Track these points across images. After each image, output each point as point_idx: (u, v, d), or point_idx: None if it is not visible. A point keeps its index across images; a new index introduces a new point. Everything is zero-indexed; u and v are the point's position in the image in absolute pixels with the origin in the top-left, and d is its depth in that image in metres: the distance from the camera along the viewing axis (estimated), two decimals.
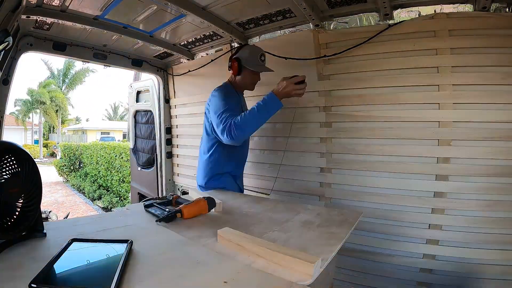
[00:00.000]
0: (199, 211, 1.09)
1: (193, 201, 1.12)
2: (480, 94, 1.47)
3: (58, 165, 10.19)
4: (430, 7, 1.55)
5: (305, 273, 0.65)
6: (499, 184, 1.45)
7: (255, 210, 1.26)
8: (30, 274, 0.55)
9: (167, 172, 3.24)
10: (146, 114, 3.56)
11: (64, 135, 24.64)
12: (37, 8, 1.75)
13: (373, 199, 1.74)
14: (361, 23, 1.75)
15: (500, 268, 1.47)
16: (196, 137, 2.81)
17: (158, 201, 1.23)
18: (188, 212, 1.04)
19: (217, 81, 2.58)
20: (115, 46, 2.53)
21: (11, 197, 0.71)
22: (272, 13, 1.89)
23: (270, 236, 0.91)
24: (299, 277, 0.65)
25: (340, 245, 0.87)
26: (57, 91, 20.13)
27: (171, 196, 1.26)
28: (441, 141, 1.56)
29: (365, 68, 1.75)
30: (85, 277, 0.59)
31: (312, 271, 0.65)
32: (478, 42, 1.45)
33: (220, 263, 0.71)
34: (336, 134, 1.88)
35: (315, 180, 1.98)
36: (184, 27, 2.19)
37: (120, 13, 1.95)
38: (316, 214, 1.19)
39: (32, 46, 2.10)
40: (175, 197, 1.24)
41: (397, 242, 1.68)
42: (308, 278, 0.64)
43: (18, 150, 0.74)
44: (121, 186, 6.34)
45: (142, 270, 0.64)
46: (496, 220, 1.46)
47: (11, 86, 2.00)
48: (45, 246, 0.75)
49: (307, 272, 0.65)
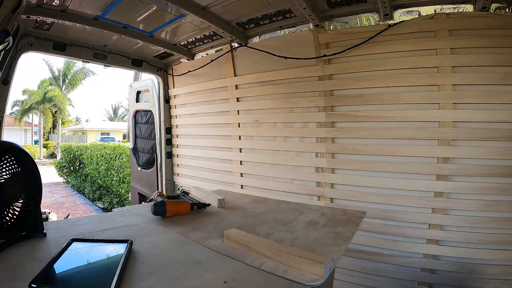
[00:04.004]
0: (180, 210, 1.09)
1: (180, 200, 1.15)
2: (480, 94, 1.47)
3: (58, 166, 10.18)
4: (430, 7, 1.55)
5: (315, 273, 0.65)
6: (499, 184, 1.46)
7: (259, 210, 1.26)
8: (30, 274, 0.54)
9: (167, 172, 3.24)
10: (146, 114, 3.56)
11: (64, 135, 24.63)
12: (37, 8, 1.75)
13: (373, 199, 1.74)
14: (361, 23, 1.75)
15: (500, 268, 1.47)
16: (196, 137, 2.81)
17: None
18: (170, 208, 1.05)
19: (217, 81, 2.59)
20: (115, 46, 2.53)
21: (11, 197, 0.71)
22: (272, 13, 1.89)
23: (277, 237, 0.91)
24: (309, 278, 0.64)
25: (347, 245, 0.87)
26: (56, 90, 20.11)
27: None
28: (441, 141, 1.56)
29: (365, 68, 1.75)
30: (85, 277, 0.59)
31: (322, 272, 0.64)
32: (478, 42, 1.46)
33: (220, 263, 0.71)
34: (336, 134, 1.88)
35: (315, 180, 1.98)
36: (184, 27, 2.19)
37: (120, 13, 1.95)
38: (320, 214, 1.19)
39: (32, 46, 2.10)
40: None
41: (397, 242, 1.68)
42: (318, 278, 0.64)
43: (18, 150, 0.74)
44: (121, 186, 6.33)
45: (142, 270, 0.64)
46: (496, 220, 1.46)
47: (11, 86, 2.00)
48: (45, 246, 0.75)
49: (317, 272, 0.65)
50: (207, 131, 2.73)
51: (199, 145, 2.82)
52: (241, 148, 2.42)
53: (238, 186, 2.44)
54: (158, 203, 1.03)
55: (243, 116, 2.39)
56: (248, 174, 2.38)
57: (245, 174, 2.41)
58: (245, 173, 2.41)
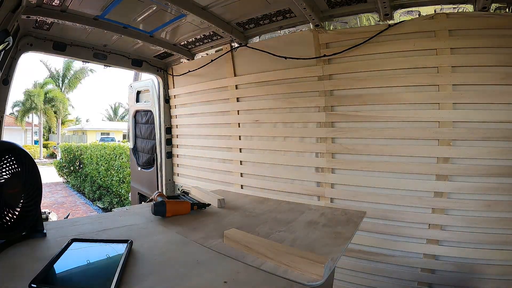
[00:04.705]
0: (180, 210, 1.09)
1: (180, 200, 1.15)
2: (480, 94, 1.47)
3: (58, 166, 10.18)
4: (430, 7, 1.55)
5: (315, 273, 0.65)
6: (499, 184, 1.45)
7: (259, 210, 1.25)
8: (30, 274, 0.54)
9: (167, 172, 3.24)
10: (146, 114, 3.56)
11: (64, 135, 24.62)
12: (37, 8, 1.75)
13: (373, 199, 1.74)
14: (361, 23, 1.75)
15: (500, 267, 1.47)
16: (196, 137, 2.81)
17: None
18: (170, 208, 1.05)
19: (217, 81, 2.59)
20: (115, 46, 2.53)
21: (11, 197, 0.71)
22: (272, 13, 1.89)
23: (277, 237, 0.91)
24: (309, 278, 0.64)
25: (347, 245, 0.87)
26: (56, 90, 20.10)
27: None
28: (441, 141, 1.56)
29: (365, 68, 1.75)
30: (85, 277, 0.59)
31: (322, 272, 0.64)
32: (478, 42, 1.46)
33: (220, 263, 0.71)
34: (336, 134, 1.88)
35: (315, 180, 1.98)
36: (184, 27, 2.19)
37: (120, 13, 1.95)
38: (320, 214, 1.19)
39: (32, 46, 2.10)
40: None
41: (397, 242, 1.68)
42: (318, 278, 0.64)
43: (18, 150, 0.74)
44: (121, 186, 6.33)
45: (142, 270, 0.64)
46: (496, 220, 1.46)
47: (11, 86, 2.00)
48: (45, 246, 0.75)
49: (317, 272, 0.65)
50: (207, 131, 2.73)
51: (199, 145, 2.82)
52: (241, 148, 2.42)
53: (238, 186, 2.44)
54: (158, 203, 1.03)
55: (243, 116, 2.39)
56: (248, 174, 2.38)
57: (245, 174, 2.41)
58: (245, 173, 2.41)
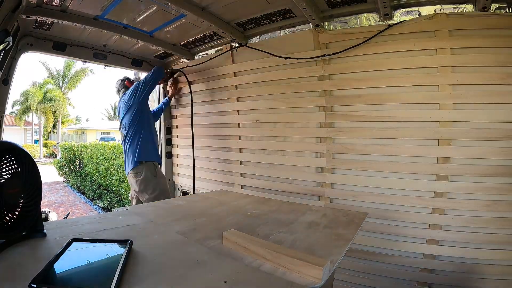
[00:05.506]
0: None
1: None
2: (480, 94, 1.47)
3: (58, 165, 10.18)
4: (430, 7, 1.55)
5: (313, 276, 0.64)
6: (499, 184, 1.45)
7: (260, 211, 1.25)
8: (30, 274, 0.54)
9: (167, 172, 3.24)
10: None
11: (64, 135, 24.64)
12: (37, 8, 1.75)
13: (373, 199, 1.74)
14: (361, 23, 1.75)
15: (500, 268, 1.47)
16: (196, 137, 2.81)
17: None
18: None
19: (217, 81, 2.59)
20: (115, 46, 2.52)
21: (11, 197, 0.71)
22: (272, 13, 1.89)
23: (277, 238, 0.90)
24: (307, 281, 0.64)
25: (348, 247, 0.86)
26: (55, 90, 20.09)
27: None
28: (441, 141, 1.56)
29: (365, 68, 1.75)
30: (85, 277, 0.59)
31: (321, 275, 0.64)
32: (478, 42, 1.45)
33: (220, 263, 0.71)
34: (336, 134, 1.88)
35: (315, 180, 1.98)
36: (184, 27, 2.19)
37: (120, 13, 1.95)
38: (322, 215, 1.18)
39: (32, 46, 2.10)
40: None
41: (397, 242, 1.68)
42: (317, 281, 0.63)
43: (18, 150, 0.74)
44: (121, 186, 6.33)
45: (142, 270, 0.64)
46: (496, 220, 1.46)
47: (11, 86, 2.00)
48: (45, 246, 0.75)
49: (316, 275, 0.64)
50: (207, 131, 2.73)
51: (199, 145, 2.81)
52: (241, 148, 2.42)
53: (238, 186, 2.44)
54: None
55: (243, 116, 2.39)
56: (248, 174, 2.38)
57: (245, 174, 2.41)
58: (245, 173, 2.41)
